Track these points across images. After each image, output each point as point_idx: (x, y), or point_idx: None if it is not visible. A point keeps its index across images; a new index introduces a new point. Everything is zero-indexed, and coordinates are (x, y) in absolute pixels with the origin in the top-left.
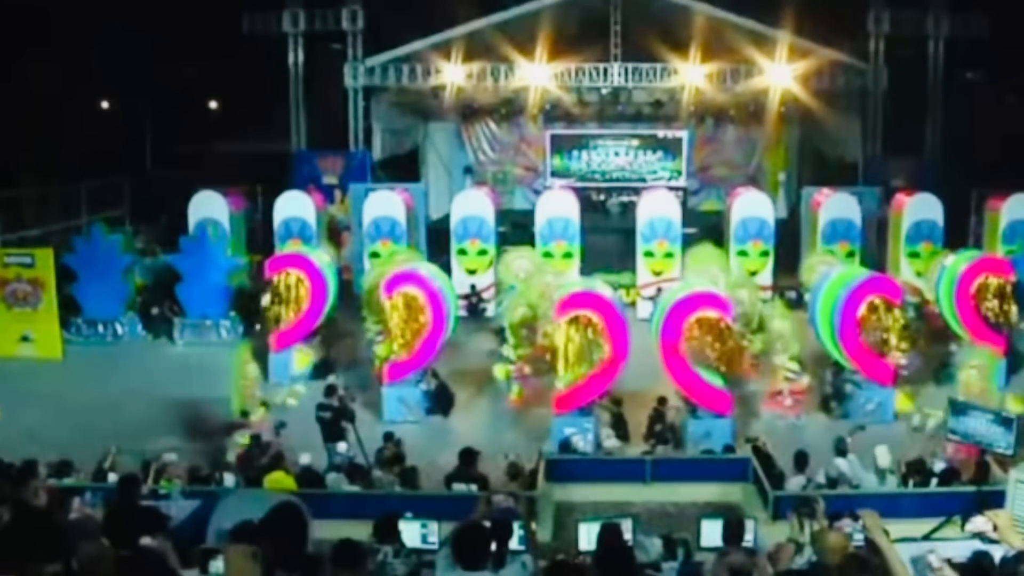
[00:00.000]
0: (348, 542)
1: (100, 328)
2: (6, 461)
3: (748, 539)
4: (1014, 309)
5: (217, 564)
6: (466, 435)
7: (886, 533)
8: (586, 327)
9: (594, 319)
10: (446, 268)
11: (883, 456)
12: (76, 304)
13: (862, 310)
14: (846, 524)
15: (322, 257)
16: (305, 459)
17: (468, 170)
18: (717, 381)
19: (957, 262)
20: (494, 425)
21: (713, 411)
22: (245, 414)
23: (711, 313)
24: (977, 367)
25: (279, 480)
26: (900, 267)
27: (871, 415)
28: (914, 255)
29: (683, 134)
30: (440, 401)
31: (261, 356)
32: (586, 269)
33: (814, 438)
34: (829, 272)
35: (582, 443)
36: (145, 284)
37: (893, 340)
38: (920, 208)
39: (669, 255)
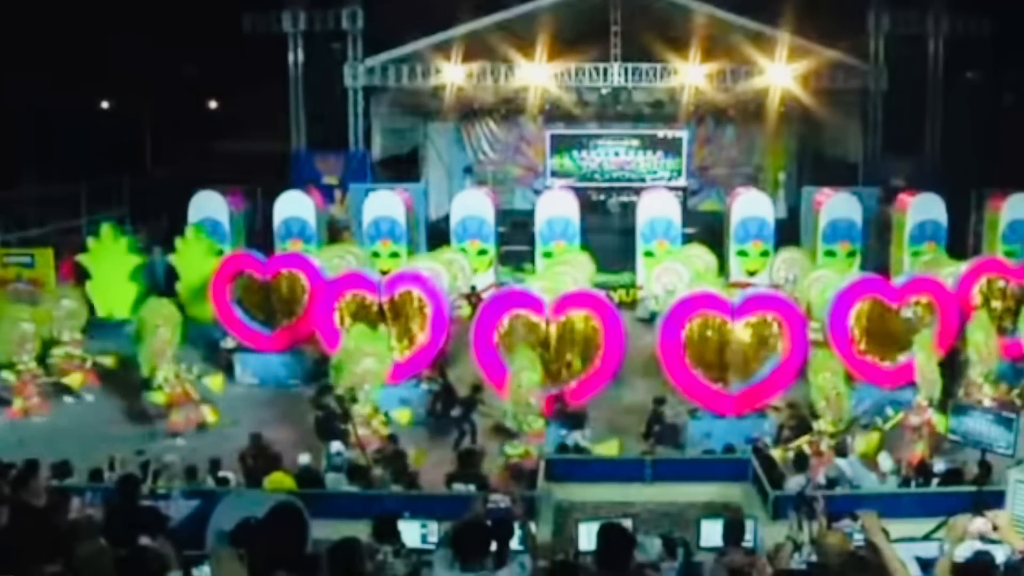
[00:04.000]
0: (346, 541)
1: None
2: (6, 461)
3: (748, 539)
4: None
5: (204, 570)
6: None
7: (886, 533)
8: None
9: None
10: None
11: (884, 460)
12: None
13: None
14: (845, 524)
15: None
16: (304, 459)
17: (468, 170)
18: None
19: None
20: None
21: (713, 411)
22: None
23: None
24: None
25: (279, 480)
26: (903, 267)
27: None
28: (917, 255)
29: (683, 134)
30: (446, 402)
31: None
32: None
33: None
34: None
35: (582, 441)
36: (147, 284)
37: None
38: (923, 208)
39: (669, 255)
